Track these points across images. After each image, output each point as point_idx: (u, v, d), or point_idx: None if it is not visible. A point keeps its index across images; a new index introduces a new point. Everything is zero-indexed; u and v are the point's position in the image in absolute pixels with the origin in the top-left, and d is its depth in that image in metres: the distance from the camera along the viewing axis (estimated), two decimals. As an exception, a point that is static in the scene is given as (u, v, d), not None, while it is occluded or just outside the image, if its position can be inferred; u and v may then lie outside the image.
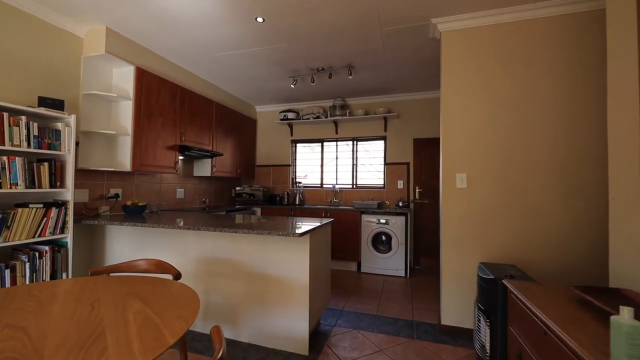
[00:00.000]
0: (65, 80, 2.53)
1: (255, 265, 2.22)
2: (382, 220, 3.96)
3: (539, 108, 2.24)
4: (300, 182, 5.05)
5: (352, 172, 4.81)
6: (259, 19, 2.47)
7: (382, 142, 4.67)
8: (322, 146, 4.99)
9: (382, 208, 4.25)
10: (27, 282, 2.06)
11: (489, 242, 2.31)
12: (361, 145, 4.81)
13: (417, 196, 4.34)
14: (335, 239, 4.05)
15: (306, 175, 5.08)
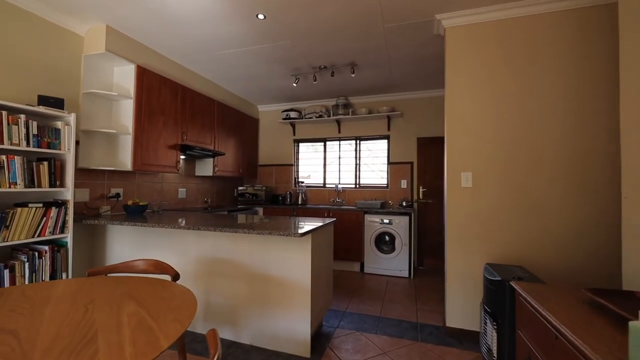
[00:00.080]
0: (66, 79, 2.52)
1: (257, 265, 2.19)
2: (386, 220, 3.91)
3: (544, 104, 2.18)
4: (303, 182, 5.02)
5: (355, 172, 4.77)
6: (260, 16, 2.44)
7: (385, 141, 4.62)
8: (324, 145, 4.95)
9: (386, 208, 4.20)
10: (27, 282, 2.04)
11: (494, 242, 2.26)
12: (364, 144, 4.76)
13: (421, 196, 4.29)
14: (338, 239, 4.00)
15: (309, 175, 5.04)
